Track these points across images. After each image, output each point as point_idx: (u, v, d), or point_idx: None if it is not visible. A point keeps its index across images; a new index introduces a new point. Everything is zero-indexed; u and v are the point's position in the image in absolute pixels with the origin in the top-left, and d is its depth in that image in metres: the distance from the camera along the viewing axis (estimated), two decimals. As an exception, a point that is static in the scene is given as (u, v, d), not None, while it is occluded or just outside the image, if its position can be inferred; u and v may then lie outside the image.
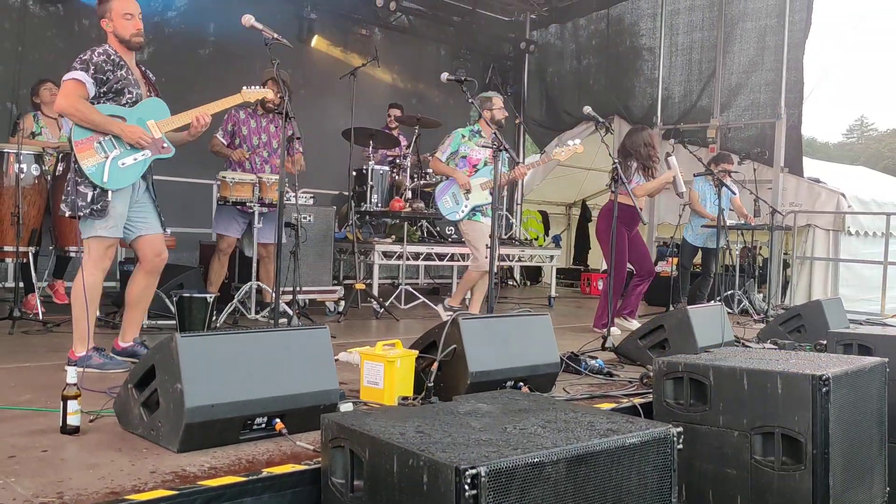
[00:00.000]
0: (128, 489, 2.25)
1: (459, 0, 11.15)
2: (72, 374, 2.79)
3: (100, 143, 3.78)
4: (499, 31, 12.19)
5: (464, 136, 6.01)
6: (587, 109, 5.17)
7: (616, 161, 5.15)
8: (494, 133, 4.52)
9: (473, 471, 1.88)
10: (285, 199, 5.64)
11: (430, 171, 7.09)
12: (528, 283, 12.44)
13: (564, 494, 2.04)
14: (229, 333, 2.85)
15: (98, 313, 5.59)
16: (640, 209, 5.51)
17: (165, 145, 3.95)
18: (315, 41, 9.85)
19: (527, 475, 1.97)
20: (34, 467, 2.40)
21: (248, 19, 3.83)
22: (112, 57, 3.84)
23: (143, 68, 4.09)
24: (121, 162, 3.81)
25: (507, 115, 5.87)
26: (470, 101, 4.58)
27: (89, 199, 3.75)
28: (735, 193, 7.82)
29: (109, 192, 3.78)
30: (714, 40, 10.13)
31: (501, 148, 4.25)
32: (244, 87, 4.18)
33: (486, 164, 5.95)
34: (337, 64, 9.47)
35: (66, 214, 3.80)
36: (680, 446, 2.28)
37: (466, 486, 1.87)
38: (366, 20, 10.38)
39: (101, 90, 3.82)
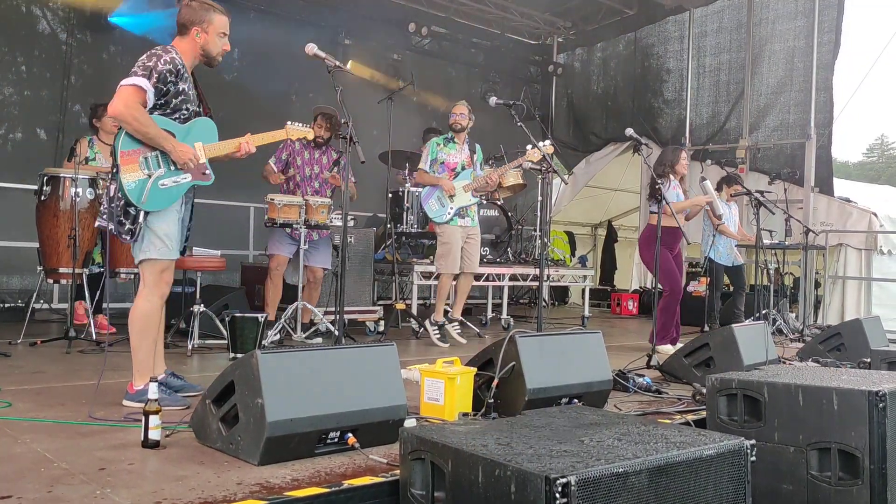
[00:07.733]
0: (219, 499, 2.35)
1: (488, 24, 11.35)
2: (153, 390, 2.89)
3: (145, 158, 3.47)
4: (526, 55, 12.38)
5: (438, 144, 6.46)
6: (629, 132, 5.26)
7: (659, 182, 5.22)
8: (543, 156, 4.65)
9: (564, 480, 1.96)
10: (330, 220, 5.83)
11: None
12: (556, 303, 12.49)
13: (647, 504, 2.11)
14: (305, 350, 2.96)
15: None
16: (682, 225, 5.52)
17: (207, 172, 3.65)
18: (350, 66, 10.05)
19: (612, 485, 2.04)
20: (126, 479, 2.51)
21: (311, 48, 3.93)
22: (178, 68, 3.53)
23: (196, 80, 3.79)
24: (161, 183, 3.50)
25: (471, 122, 6.36)
26: (519, 124, 4.70)
27: (128, 220, 3.49)
28: (735, 216, 8.17)
29: (142, 213, 3.48)
30: (742, 62, 10.22)
31: (550, 170, 4.37)
32: (288, 123, 4.13)
33: (464, 168, 6.42)
34: (371, 88, 9.63)
35: (109, 229, 3.52)
36: (753, 458, 2.35)
37: (557, 495, 1.95)
38: (398, 45, 10.57)
39: (159, 102, 3.51)
